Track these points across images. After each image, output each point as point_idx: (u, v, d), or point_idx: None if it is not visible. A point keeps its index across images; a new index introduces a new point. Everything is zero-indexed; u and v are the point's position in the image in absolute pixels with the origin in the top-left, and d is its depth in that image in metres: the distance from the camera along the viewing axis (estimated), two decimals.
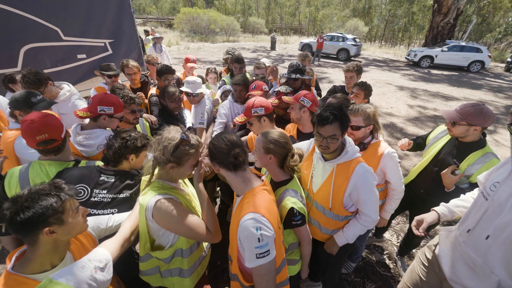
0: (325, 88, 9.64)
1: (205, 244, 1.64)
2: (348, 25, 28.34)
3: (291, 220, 1.50)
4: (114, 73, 3.10)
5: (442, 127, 2.19)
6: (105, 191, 1.53)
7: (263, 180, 1.40)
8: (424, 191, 2.23)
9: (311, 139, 1.86)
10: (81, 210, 1.16)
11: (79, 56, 4.23)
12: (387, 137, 5.92)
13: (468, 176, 1.84)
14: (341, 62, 16.14)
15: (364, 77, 3.42)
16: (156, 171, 1.41)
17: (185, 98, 3.02)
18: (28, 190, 1.03)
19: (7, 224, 0.99)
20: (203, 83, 4.21)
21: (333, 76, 12.04)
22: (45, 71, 3.78)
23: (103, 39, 4.60)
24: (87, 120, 2.04)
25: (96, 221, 1.38)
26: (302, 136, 2.25)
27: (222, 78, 3.84)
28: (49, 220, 1.02)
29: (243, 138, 2.42)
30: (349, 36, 17.31)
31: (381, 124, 5.49)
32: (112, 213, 1.52)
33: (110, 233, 1.41)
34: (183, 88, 2.84)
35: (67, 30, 4.03)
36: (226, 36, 25.24)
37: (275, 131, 1.59)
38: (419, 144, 2.41)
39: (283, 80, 3.25)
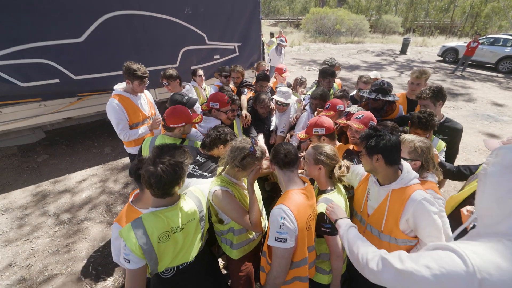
0: (460, 107, 7.87)
1: (253, 232, 1.89)
2: None
3: (320, 225, 1.63)
4: (227, 74, 3.94)
5: None
6: (197, 167, 2.08)
7: (305, 185, 1.62)
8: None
9: None
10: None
11: (214, 57, 5.40)
12: None
13: None
14: (500, 75, 12.16)
15: None
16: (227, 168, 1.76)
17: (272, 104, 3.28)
18: (140, 161, 1.68)
19: (135, 175, 1.63)
20: (291, 89, 4.41)
21: (477, 93, 9.27)
22: (192, 67, 5.10)
23: (234, 42, 5.63)
24: None
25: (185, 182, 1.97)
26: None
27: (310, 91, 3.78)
28: None
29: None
30: None
31: None
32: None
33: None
34: (276, 97, 3.15)
35: (210, 35, 5.22)
36: (351, 37, 24.04)
37: (326, 145, 1.79)
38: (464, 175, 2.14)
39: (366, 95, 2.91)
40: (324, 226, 1.62)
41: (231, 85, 3.97)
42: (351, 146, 2.31)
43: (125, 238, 1.34)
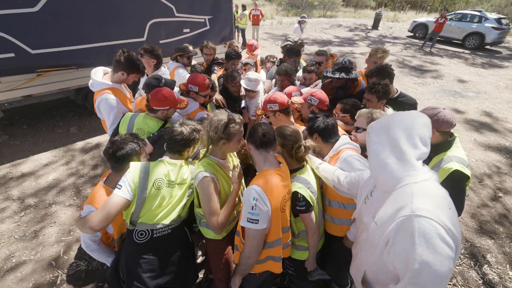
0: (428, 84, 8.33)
1: (236, 210, 1.90)
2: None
3: (295, 204, 1.66)
4: (192, 54, 3.60)
5: None
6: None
7: (280, 166, 1.63)
8: None
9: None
10: (146, 154, 1.85)
11: (184, 31, 5.19)
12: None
13: None
14: (466, 52, 12.72)
15: (500, 75, 2.82)
16: (211, 147, 1.72)
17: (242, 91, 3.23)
18: (120, 137, 1.73)
19: (108, 156, 1.69)
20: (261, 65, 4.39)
21: (444, 69, 9.78)
22: (161, 41, 4.90)
23: (204, 15, 5.41)
24: None
25: None
26: None
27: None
28: (133, 157, 1.70)
29: None
30: (491, 16, 12.97)
31: None
32: None
33: None
34: (243, 85, 3.09)
35: (179, 7, 4.97)
36: (323, 11, 23.81)
37: (287, 126, 1.80)
38: None
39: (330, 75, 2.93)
40: (299, 204, 1.66)
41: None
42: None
43: (132, 168, 1.59)
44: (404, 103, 2.70)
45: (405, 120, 1.13)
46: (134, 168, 1.60)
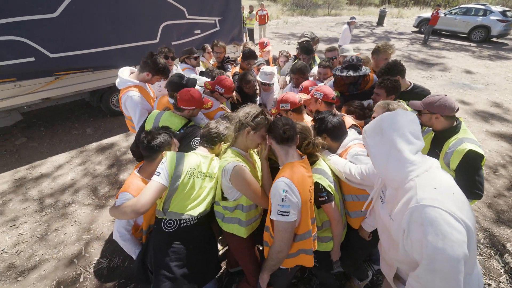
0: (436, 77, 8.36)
1: (260, 208, 1.91)
2: None
3: (317, 195, 1.67)
4: (197, 55, 3.72)
5: None
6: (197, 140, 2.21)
7: (303, 158, 1.64)
8: None
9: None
10: (175, 146, 1.93)
11: (195, 32, 5.29)
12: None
13: (449, 165, 1.89)
14: (472, 45, 12.71)
15: (508, 66, 2.80)
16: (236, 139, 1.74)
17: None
18: (155, 128, 1.85)
19: (142, 145, 1.77)
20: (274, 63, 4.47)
21: (451, 62, 9.74)
22: (173, 43, 5.00)
23: (214, 16, 5.51)
24: None
25: None
26: None
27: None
28: (165, 148, 1.79)
29: None
30: (496, 9, 12.90)
31: None
32: None
33: None
34: (259, 79, 3.17)
35: (190, 9, 5.08)
36: (328, 9, 23.83)
37: (299, 124, 1.79)
38: None
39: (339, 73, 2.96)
40: (321, 195, 1.67)
41: (212, 61, 3.96)
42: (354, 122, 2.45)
43: (169, 158, 1.68)
44: (419, 94, 2.72)
45: (395, 121, 1.21)
46: (171, 156, 1.69)
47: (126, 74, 2.60)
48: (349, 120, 2.25)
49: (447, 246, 0.94)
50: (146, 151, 1.80)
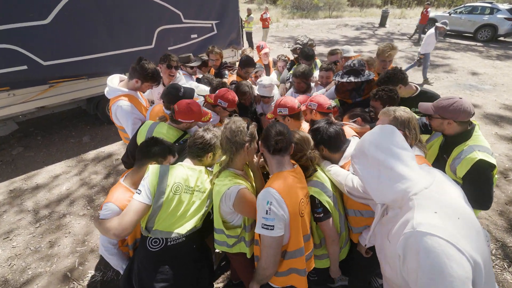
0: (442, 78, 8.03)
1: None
2: None
3: (313, 212, 1.57)
4: (195, 64, 3.50)
5: None
6: None
7: (295, 167, 1.53)
8: None
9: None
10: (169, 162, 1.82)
11: (192, 36, 5.20)
12: None
13: (455, 172, 1.74)
14: (479, 44, 12.37)
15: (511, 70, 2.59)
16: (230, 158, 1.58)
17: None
18: (163, 140, 1.77)
19: (141, 149, 1.72)
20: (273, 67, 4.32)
21: (457, 63, 9.45)
22: (169, 48, 4.91)
23: (211, 20, 5.41)
24: None
25: None
26: None
27: (290, 72, 3.63)
28: (158, 158, 1.70)
29: None
30: (503, 6, 12.46)
31: None
32: None
33: None
34: (259, 92, 2.99)
35: (186, 13, 4.98)
36: (329, 12, 23.72)
37: (297, 133, 1.68)
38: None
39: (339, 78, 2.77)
40: (316, 211, 1.57)
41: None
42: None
43: (150, 172, 1.54)
44: (428, 99, 2.54)
45: (374, 139, 1.14)
46: (152, 171, 1.55)
47: (115, 82, 2.48)
48: (349, 131, 2.10)
49: (446, 282, 0.80)
50: (140, 153, 1.72)
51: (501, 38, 13.09)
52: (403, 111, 1.81)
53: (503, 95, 6.83)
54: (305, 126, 2.35)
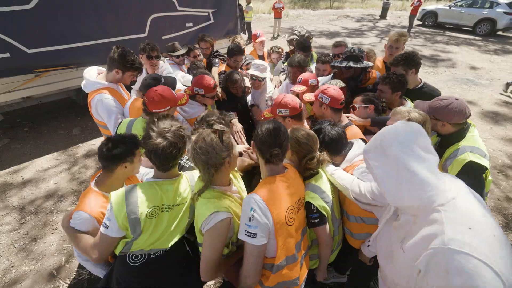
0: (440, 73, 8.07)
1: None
2: None
3: (308, 217, 1.50)
4: (180, 53, 3.37)
5: None
6: (186, 157, 1.88)
7: (285, 171, 1.42)
8: None
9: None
10: (140, 158, 1.63)
11: (187, 25, 4.98)
12: None
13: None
14: (477, 38, 12.33)
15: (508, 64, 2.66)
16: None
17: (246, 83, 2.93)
18: (118, 136, 1.55)
19: (101, 154, 1.50)
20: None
21: (456, 57, 9.36)
22: (163, 37, 4.71)
23: (207, 9, 5.19)
24: None
25: (146, 171, 1.81)
26: None
27: (285, 64, 3.57)
28: (127, 158, 1.53)
29: None
30: (503, 1, 12.23)
31: None
32: None
33: None
34: (250, 71, 2.89)
35: (181, 1, 4.76)
36: (330, 2, 23.30)
37: (304, 131, 1.56)
38: None
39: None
40: (312, 217, 1.49)
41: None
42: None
43: (114, 202, 1.30)
44: (428, 94, 2.48)
45: (397, 135, 1.00)
46: (117, 199, 1.31)
47: (93, 75, 2.29)
48: (356, 131, 1.99)
49: None
50: (104, 160, 1.52)
51: (500, 32, 13.04)
52: (417, 113, 1.74)
53: (499, 89, 6.79)
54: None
